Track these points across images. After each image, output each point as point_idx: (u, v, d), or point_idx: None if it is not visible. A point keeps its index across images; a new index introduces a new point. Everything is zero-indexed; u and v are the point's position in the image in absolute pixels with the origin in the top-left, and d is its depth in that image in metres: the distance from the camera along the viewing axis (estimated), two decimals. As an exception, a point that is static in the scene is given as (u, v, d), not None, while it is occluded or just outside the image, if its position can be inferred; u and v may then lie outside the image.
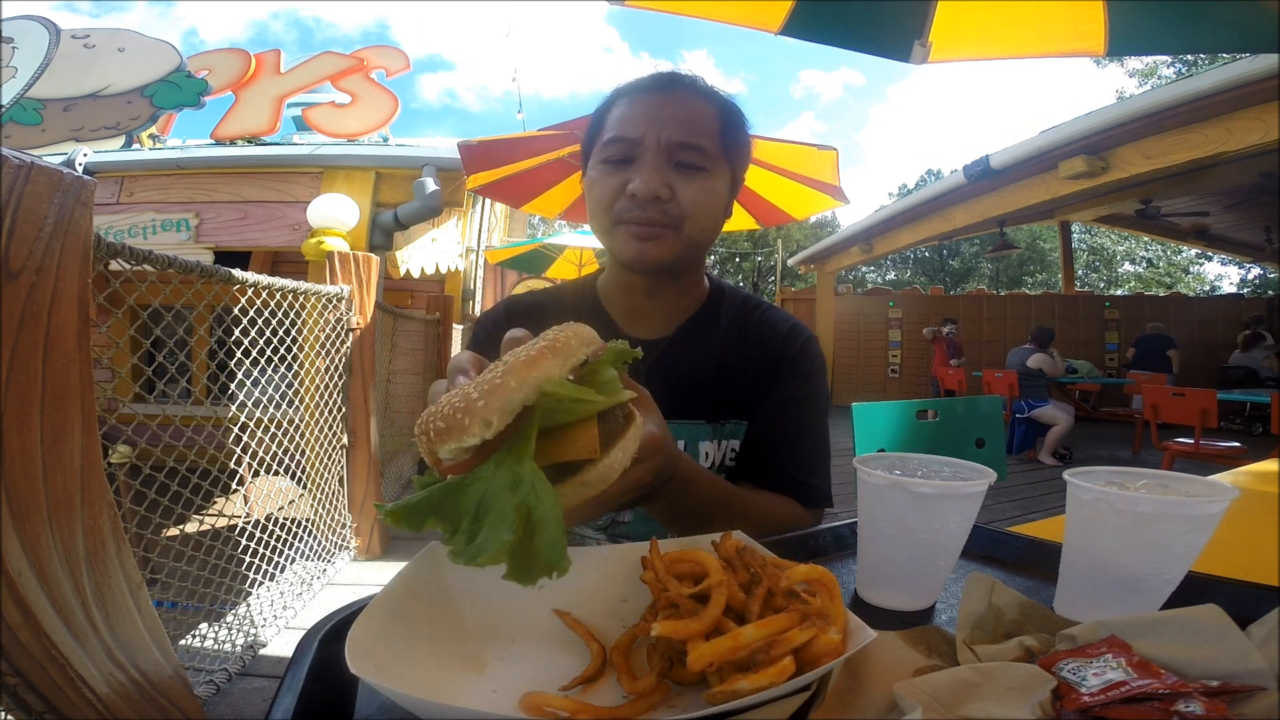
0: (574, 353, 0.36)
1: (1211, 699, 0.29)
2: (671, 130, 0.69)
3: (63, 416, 0.80)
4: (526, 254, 6.24)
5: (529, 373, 0.33)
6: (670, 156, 0.70)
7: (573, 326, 0.38)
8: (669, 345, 0.79)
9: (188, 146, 4.47)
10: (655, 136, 0.69)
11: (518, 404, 0.32)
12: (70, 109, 4.23)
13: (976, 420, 1.74)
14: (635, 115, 0.71)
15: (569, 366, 0.35)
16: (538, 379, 0.33)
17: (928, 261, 26.19)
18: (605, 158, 0.72)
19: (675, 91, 0.72)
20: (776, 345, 0.79)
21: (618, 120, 0.72)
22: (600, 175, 0.72)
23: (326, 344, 2.49)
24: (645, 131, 0.69)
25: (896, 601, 0.49)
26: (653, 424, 0.46)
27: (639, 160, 0.70)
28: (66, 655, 0.80)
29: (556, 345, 0.35)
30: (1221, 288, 21.95)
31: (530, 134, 3.34)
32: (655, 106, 0.71)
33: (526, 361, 0.34)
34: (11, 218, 0.73)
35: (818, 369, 0.81)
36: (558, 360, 0.34)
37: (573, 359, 0.36)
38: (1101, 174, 4.73)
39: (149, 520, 1.60)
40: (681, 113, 0.70)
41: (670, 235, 0.70)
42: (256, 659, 1.85)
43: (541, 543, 0.30)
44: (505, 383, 0.32)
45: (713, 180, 0.72)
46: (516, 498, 0.31)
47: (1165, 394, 4.12)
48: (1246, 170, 5.39)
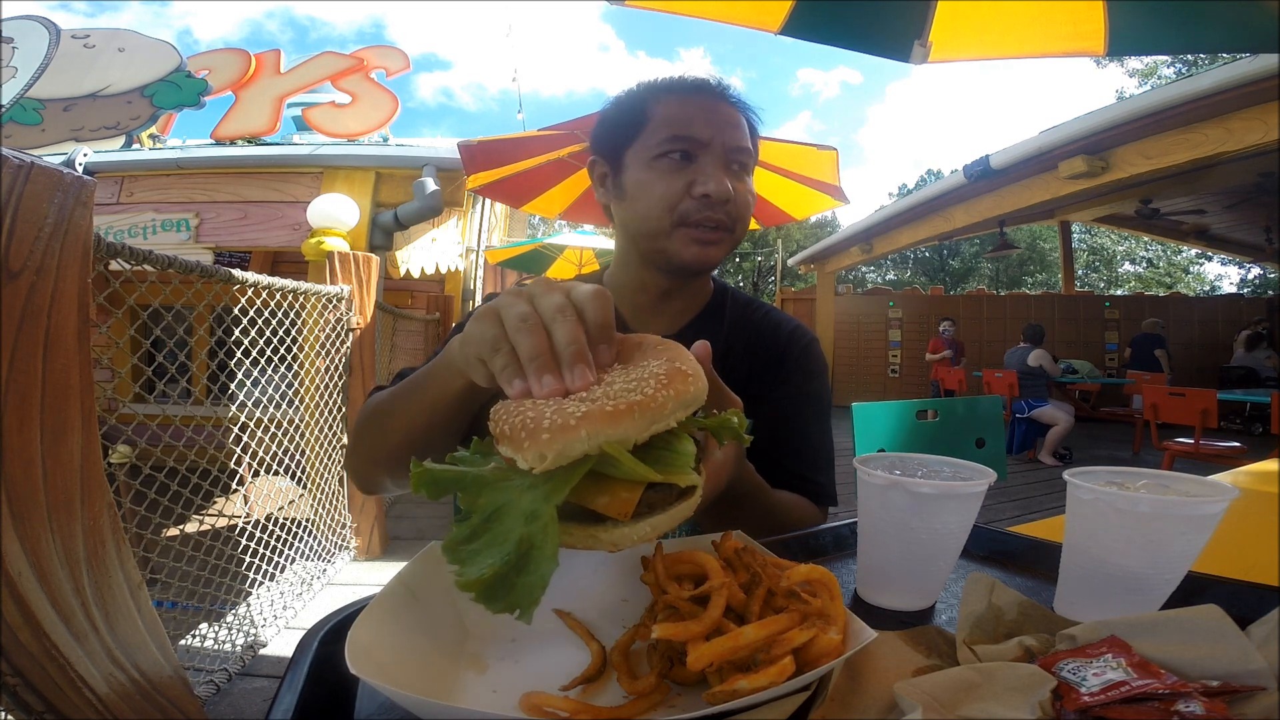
0: (664, 417, 0.33)
1: (1211, 699, 0.29)
2: (731, 135, 0.71)
3: (63, 416, 0.80)
4: (526, 254, 6.24)
5: (605, 428, 0.31)
6: (729, 160, 0.71)
7: (681, 382, 0.35)
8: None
9: (188, 146, 4.46)
10: (721, 140, 0.70)
11: (577, 453, 0.31)
12: (70, 109, 4.23)
13: (976, 420, 1.74)
14: (696, 116, 0.70)
15: (651, 431, 0.33)
16: (607, 437, 0.31)
17: (928, 261, 26.19)
18: (662, 154, 0.70)
19: (727, 97, 0.73)
20: (779, 346, 0.81)
21: (675, 119, 0.71)
22: (660, 174, 0.70)
23: (326, 344, 2.49)
24: (713, 135, 0.70)
25: (896, 601, 0.49)
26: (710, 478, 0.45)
27: (701, 161, 0.70)
28: (66, 655, 0.80)
29: (650, 405, 0.33)
30: (1221, 288, 21.98)
31: (530, 134, 3.34)
32: (713, 110, 0.71)
33: (610, 415, 0.32)
34: (11, 218, 0.73)
35: (820, 369, 0.82)
36: (641, 422, 0.32)
37: (659, 424, 0.33)
38: (1101, 174, 4.73)
39: (149, 520, 1.60)
40: (734, 118, 0.72)
41: (727, 238, 0.72)
42: (256, 659, 1.85)
43: (523, 582, 0.30)
44: (577, 428, 0.31)
45: (750, 184, 0.75)
46: (526, 529, 0.30)
47: (1165, 394, 4.12)
48: (1246, 170, 5.39)
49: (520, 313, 0.36)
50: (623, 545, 0.34)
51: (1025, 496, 4.10)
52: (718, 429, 0.39)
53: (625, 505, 0.33)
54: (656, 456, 0.34)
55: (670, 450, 0.35)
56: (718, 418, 0.40)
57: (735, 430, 0.39)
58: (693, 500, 0.36)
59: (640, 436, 0.32)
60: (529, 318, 0.36)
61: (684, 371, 0.35)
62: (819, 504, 0.77)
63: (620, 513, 0.33)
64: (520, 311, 0.36)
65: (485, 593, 0.30)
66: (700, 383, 0.36)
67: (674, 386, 0.34)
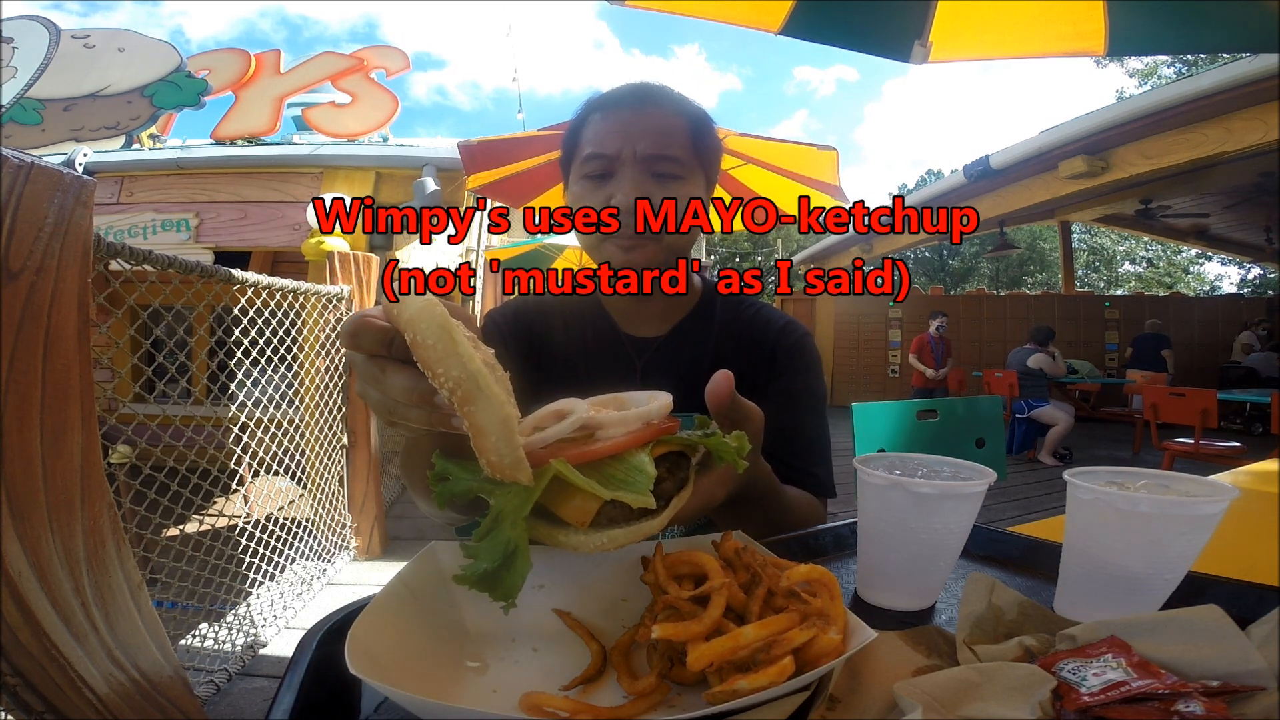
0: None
1: (1211, 699, 0.29)
2: (647, 143, 0.72)
3: (63, 416, 0.80)
4: (526, 254, 6.24)
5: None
6: (648, 168, 0.73)
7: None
8: (663, 344, 0.82)
9: (188, 146, 4.46)
10: (632, 150, 0.72)
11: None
12: (70, 109, 4.23)
13: (976, 420, 1.74)
14: (611, 131, 0.74)
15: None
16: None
17: (928, 261, 26.20)
18: (585, 174, 0.75)
19: (647, 106, 0.75)
20: (770, 341, 0.82)
21: (594, 137, 0.74)
22: (585, 191, 0.75)
23: (326, 344, 2.49)
24: (622, 146, 0.72)
25: (896, 601, 0.49)
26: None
27: (619, 174, 0.73)
28: (66, 655, 0.80)
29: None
30: (1221, 288, 21.98)
31: (530, 134, 3.34)
32: (629, 122, 0.74)
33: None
34: (11, 218, 0.73)
35: (813, 363, 0.83)
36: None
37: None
38: (1101, 174, 4.74)
39: (149, 520, 1.60)
40: (655, 125, 0.74)
41: (651, 243, 0.74)
42: (256, 659, 1.85)
43: (507, 578, 0.34)
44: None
45: (687, 187, 0.75)
46: (512, 532, 0.34)
47: (1165, 394, 4.12)
48: (1246, 170, 5.39)
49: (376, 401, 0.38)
50: (581, 550, 0.37)
51: (1025, 496, 4.10)
52: (715, 449, 0.43)
53: (583, 515, 0.37)
54: (615, 475, 0.37)
55: (634, 470, 0.38)
56: (717, 438, 0.43)
57: (732, 453, 0.43)
58: (659, 519, 0.39)
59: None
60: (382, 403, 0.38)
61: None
62: (819, 496, 0.78)
63: (578, 520, 0.37)
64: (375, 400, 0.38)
65: (478, 586, 0.35)
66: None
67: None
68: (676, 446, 0.43)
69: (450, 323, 0.31)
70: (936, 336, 6.43)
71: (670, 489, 0.41)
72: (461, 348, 0.31)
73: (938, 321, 6.48)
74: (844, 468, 0.69)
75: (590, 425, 0.39)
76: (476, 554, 0.35)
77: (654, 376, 0.80)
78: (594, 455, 0.37)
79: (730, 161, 3.18)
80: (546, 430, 0.37)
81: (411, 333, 0.32)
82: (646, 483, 0.37)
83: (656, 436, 0.41)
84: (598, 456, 0.37)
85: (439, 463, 0.39)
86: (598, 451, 0.37)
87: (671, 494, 0.41)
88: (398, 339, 0.35)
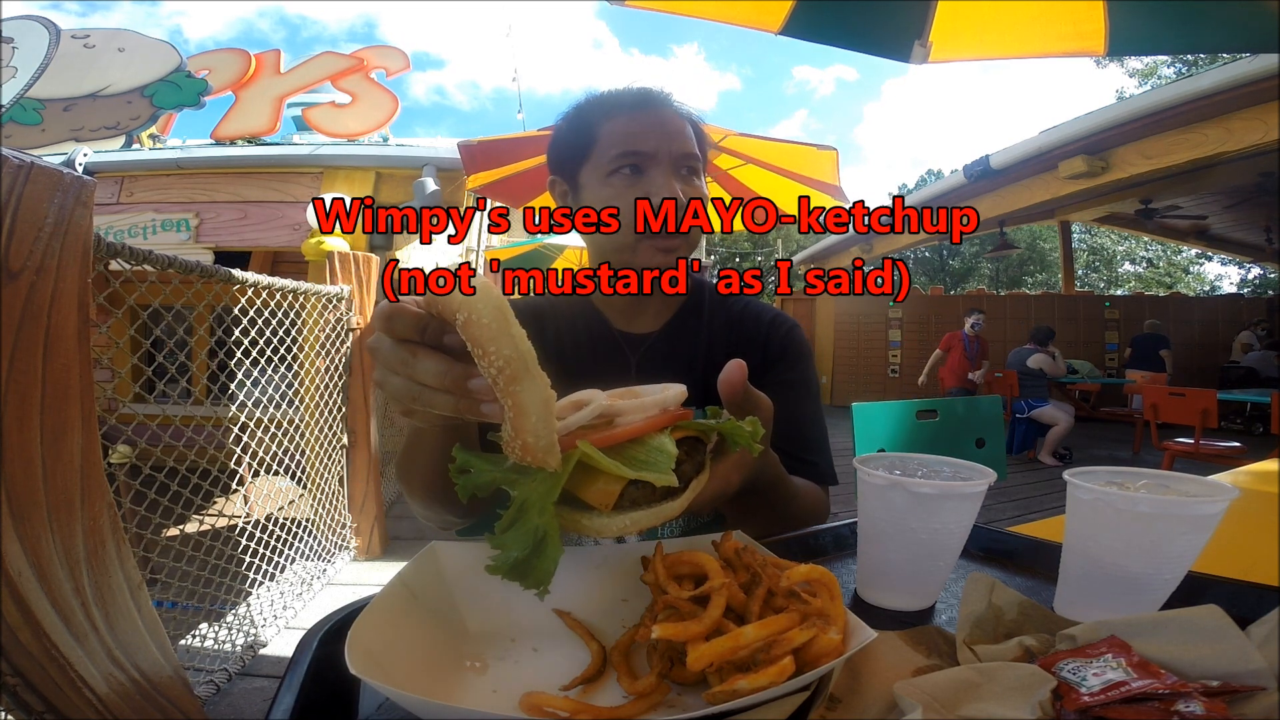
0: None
1: (1211, 699, 0.29)
2: (677, 143, 0.75)
3: (63, 416, 0.80)
4: (526, 254, 6.24)
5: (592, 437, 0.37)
6: (678, 166, 0.75)
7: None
8: (657, 340, 0.83)
9: (188, 146, 4.46)
10: (667, 149, 0.74)
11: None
12: (70, 109, 4.23)
13: (976, 420, 1.74)
14: (642, 130, 0.75)
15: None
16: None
17: (928, 261, 26.19)
18: (614, 170, 0.75)
19: (666, 107, 0.77)
20: (762, 334, 0.83)
21: (623, 136, 0.75)
22: (616, 190, 0.75)
23: (326, 344, 2.49)
24: (659, 145, 0.74)
25: (896, 601, 0.49)
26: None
27: (651, 173, 0.74)
28: (66, 655, 0.80)
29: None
30: (1221, 288, 21.97)
31: (530, 134, 3.34)
32: (658, 122, 0.75)
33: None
34: (11, 218, 0.73)
35: (805, 354, 0.84)
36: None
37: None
38: (1101, 174, 4.74)
39: (149, 520, 1.60)
40: (678, 126, 0.76)
41: (683, 243, 0.76)
42: (256, 659, 1.85)
43: (540, 562, 0.36)
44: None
45: (703, 184, 0.79)
46: (541, 520, 0.36)
47: (1165, 394, 4.12)
48: (1246, 170, 5.39)
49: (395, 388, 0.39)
50: (604, 534, 0.39)
51: (1025, 496, 4.10)
52: (730, 434, 0.44)
53: (607, 497, 0.38)
54: (637, 457, 0.38)
55: (655, 451, 0.38)
56: (731, 423, 0.44)
57: (747, 437, 0.43)
58: (680, 501, 0.40)
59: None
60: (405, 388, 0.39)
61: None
62: (821, 484, 0.79)
63: (601, 503, 0.38)
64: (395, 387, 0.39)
65: (511, 575, 0.36)
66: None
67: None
68: (693, 432, 0.44)
69: (505, 303, 0.32)
70: (972, 335, 5.77)
71: (689, 471, 0.42)
72: (515, 328, 0.32)
73: (974, 318, 5.82)
74: (844, 468, 0.69)
75: (609, 413, 0.40)
76: (505, 544, 0.36)
77: (649, 372, 0.80)
78: (616, 439, 0.38)
79: (730, 161, 3.18)
80: (567, 419, 0.38)
81: (466, 312, 0.32)
82: (669, 462, 0.38)
83: (674, 421, 0.41)
84: (620, 440, 0.38)
85: (460, 455, 0.40)
86: (620, 435, 0.38)
87: (691, 477, 0.42)
88: (431, 325, 0.36)
